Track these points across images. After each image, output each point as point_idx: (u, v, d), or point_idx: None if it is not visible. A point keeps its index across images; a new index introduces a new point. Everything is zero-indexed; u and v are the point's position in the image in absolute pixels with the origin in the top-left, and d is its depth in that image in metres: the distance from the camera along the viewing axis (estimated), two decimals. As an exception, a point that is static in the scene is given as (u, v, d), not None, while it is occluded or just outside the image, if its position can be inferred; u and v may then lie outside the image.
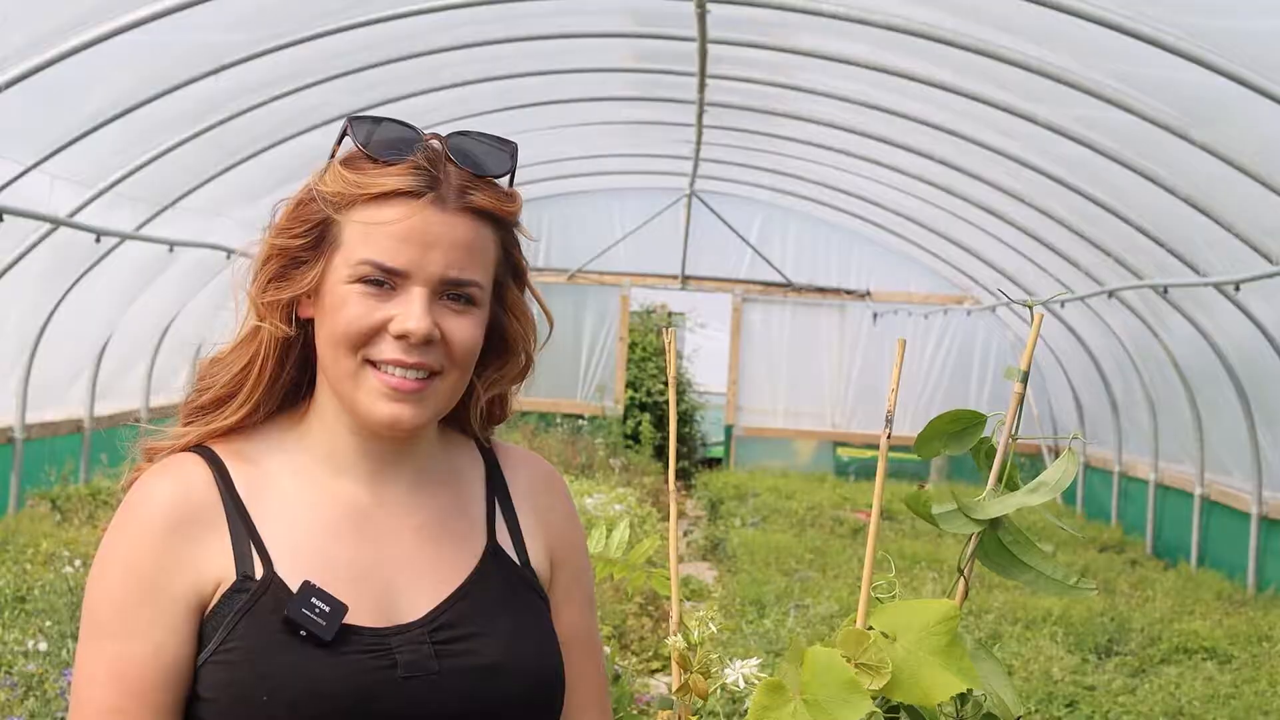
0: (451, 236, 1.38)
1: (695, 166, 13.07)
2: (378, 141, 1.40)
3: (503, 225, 1.45)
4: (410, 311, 1.36)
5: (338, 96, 8.38)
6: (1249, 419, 8.75)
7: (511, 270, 1.48)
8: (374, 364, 1.38)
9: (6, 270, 7.43)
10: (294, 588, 1.36)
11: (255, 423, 1.46)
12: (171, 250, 9.33)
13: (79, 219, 7.71)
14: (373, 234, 1.37)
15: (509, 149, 1.45)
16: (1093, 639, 7.03)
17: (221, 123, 7.78)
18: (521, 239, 1.49)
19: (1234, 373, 8.80)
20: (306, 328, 1.44)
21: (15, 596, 6.05)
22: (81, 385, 9.72)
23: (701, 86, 9.29)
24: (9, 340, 8.35)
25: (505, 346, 1.51)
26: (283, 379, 1.46)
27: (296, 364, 1.46)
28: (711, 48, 8.22)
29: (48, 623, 5.54)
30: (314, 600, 1.35)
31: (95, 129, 6.89)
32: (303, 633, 1.34)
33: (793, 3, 6.84)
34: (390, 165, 1.39)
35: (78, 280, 8.48)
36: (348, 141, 1.42)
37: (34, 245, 7.48)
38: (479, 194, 1.41)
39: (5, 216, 6.64)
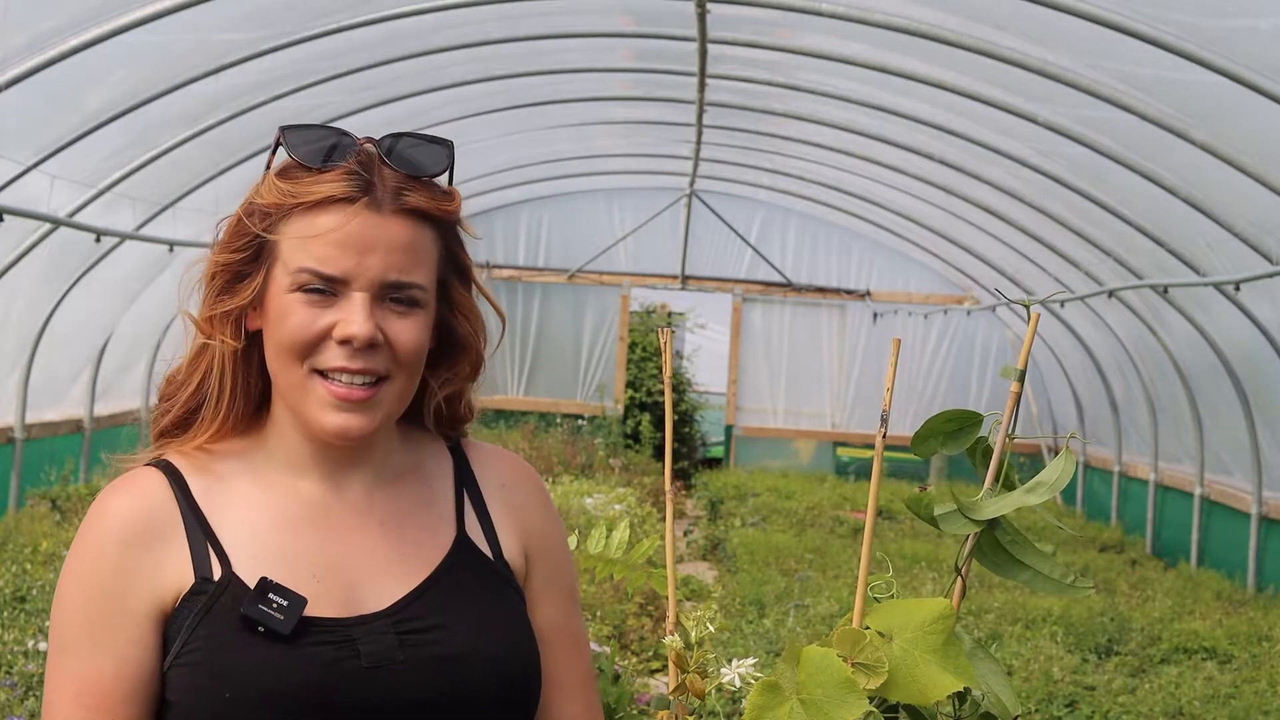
0: (389, 240, 1.38)
1: (695, 166, 13.07)
2: (310, 149, 1.39)
3: (442, 225, 1.44)
4: (352, 317, 1.36)
5: (337, 96, 8.38)
6: (1249, 419, 8.75)
7: (456, 269, 1.47)
8: (321, 374, 1.38)
9: (6, 270, 7.43)
10: (253, 586, 1.37)
11: (226, 434, 1.46)
12: (171, 250, 9.34)
13: (79, 219, 7.71)
14: (309, 242, 1.37)
15: (444, 148, 1.44)
16: (1093, 639, 7.03)
17: (221, 123, 7.78)
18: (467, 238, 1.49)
19: (1234, 373, 8.80)
20: (259, 338, 1.44)
21: (15, 596, 6.06)
22: (81, 385, 9.72)
23: (701, 86, 9.29)
24: (9, 340, 8.35)
25: (456, 345, 1.50)
26: (252, 388, 1.46)
27: (259, 372, 1.45)
28: (711, 47, 8.22)
29: (47, 623, 5.53)
30: (271, 596, 1.36)
31: (95, 129, 6.89)
32: (261, 629, 1.35)
33: (793, 3, 6.84)
34: (324, 173, 1.38)
35: (78, 280, 8.48)
36: (282, 151, 1.41)
37: (34, 245, 7.48)
38: (415, 195, 1.40)
39: (5, 216, 6.63)
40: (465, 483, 1.54)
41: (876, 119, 9.44)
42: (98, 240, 8.10)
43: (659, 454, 14.50)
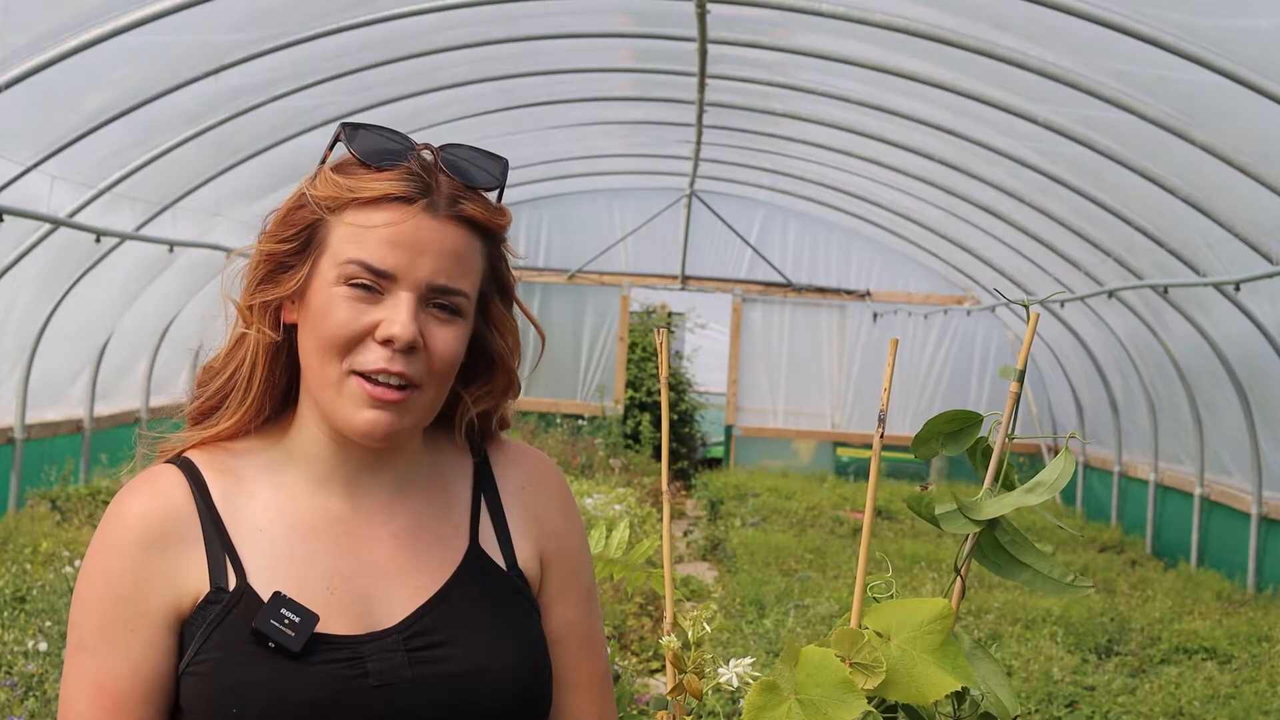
0: (441, 244, 1.38)
1: (695, 166, 13.07)
2: (371, 148, 1.40)
3: (491, 239, 1.45)
4: (397, 316, 1.36)
5: (337, 97, 8.38)
6: (1249, 419, 8.75)
7: (497, 285, 1.49)
8: (359, 374, 1.37)
9: (6, 270, 7.43)
10: (266, 599, 1.37)
11: (253, 428, 1.46)
12: (171, 250, 9.34)
13: (79, 219, 7.71)
14: (362, 236, 1.37)
15: (500, 164, 1.45)
16: (1093, 639, 7.03)
17: (221, 123, 7.78)
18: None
19: (1234, 373, 8.80)
20: (292, 334, 1.43)
21: (15, 596, 6.06)
22: (81, 385, 9.72)
23: (701, 86, 9.29)
24: (9, 340, 8.34)
25: (490, 362, 1.51)
26: (276, 384, 1.45)
27: (286, 368, 1.45)
28: (711, 48, 8.22)
29: (48, 623, 5.54)
30: (284, 611, 1.36)
31: (95, 129, 6.89)
32: (271, 644, 1.35)
33: (793, 2, 6.84)
34: (383, 170, 1.39)
35: (78, 280, 8.48)
36: (340, 148, 1.42)
37: (34, 245, 7.48)
38: (470, 204, 1.41)
39: (5, 216, 6.64)
40: (484, 489, 1.54)
41: (877, 119, 9.44)
42: (98, 240, 8.10)
43: (659, 454, 14.48)
